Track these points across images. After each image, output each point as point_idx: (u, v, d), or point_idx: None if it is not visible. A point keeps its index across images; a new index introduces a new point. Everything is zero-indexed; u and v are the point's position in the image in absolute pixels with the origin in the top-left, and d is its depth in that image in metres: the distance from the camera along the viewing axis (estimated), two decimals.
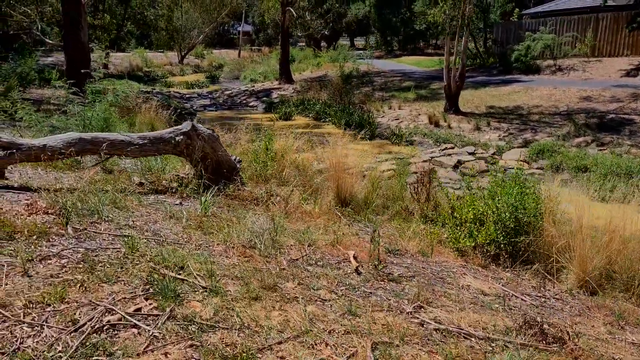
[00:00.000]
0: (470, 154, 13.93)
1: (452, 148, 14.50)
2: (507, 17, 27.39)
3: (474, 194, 5.62)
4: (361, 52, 38.86)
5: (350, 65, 25.30)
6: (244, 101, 24.93)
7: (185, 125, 6.20)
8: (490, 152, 14.04)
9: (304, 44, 55.20)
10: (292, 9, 25.84)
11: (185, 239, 4.16)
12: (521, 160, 13.56)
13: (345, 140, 15.83)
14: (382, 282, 4.02)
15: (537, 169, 12.79)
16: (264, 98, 24.59)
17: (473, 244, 5.08)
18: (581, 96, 16.91)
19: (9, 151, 5.24)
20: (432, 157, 13.52)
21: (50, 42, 24.22)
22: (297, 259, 4.15)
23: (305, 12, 29.24)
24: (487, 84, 20.20)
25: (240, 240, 4.25)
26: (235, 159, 6.82)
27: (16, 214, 4.10)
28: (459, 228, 5.36)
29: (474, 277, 4.62)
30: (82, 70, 12.79)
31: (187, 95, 26.48)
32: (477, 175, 12.04)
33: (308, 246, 4.55)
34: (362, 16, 44.55)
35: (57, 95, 18.68)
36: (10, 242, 3.42)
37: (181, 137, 6.14)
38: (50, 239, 3.61)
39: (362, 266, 4.17)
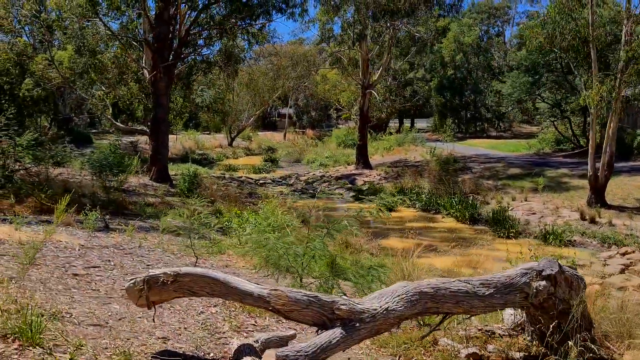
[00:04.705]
0: None
1: (633, 252, 12.05)
2: None
3: None
4: (424, 134, 37.42)
5: (443, 151, 23.47)
6: (325, 188, 23.00)
7: (548, 265, 3.97)
8: None
9: (342, 126, 54.34)
10: (373, 91, 24.51)
11: None
12: None
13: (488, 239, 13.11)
14: None
15: None
16: (348, 185, 22.66)
17: None
18: None
19: (337, 328, 3.05)
20: (623, 266, 11.08)
21: (123, 126, 22.94)
22: None
23: (389, 94, 28.08)
24: (616, 172, 17.98)
25: None
26: None
27: None
28: None
29: None
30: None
31: (260, 181, 24.70)
32: None
33: None
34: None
35: (142, 183, 17.03)
36: None
37: (543, 282, 3.93)
38: None
39: None
